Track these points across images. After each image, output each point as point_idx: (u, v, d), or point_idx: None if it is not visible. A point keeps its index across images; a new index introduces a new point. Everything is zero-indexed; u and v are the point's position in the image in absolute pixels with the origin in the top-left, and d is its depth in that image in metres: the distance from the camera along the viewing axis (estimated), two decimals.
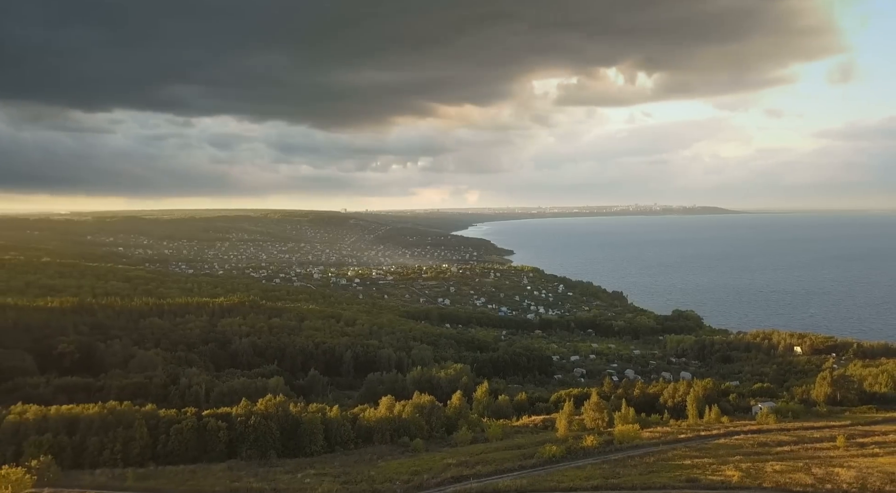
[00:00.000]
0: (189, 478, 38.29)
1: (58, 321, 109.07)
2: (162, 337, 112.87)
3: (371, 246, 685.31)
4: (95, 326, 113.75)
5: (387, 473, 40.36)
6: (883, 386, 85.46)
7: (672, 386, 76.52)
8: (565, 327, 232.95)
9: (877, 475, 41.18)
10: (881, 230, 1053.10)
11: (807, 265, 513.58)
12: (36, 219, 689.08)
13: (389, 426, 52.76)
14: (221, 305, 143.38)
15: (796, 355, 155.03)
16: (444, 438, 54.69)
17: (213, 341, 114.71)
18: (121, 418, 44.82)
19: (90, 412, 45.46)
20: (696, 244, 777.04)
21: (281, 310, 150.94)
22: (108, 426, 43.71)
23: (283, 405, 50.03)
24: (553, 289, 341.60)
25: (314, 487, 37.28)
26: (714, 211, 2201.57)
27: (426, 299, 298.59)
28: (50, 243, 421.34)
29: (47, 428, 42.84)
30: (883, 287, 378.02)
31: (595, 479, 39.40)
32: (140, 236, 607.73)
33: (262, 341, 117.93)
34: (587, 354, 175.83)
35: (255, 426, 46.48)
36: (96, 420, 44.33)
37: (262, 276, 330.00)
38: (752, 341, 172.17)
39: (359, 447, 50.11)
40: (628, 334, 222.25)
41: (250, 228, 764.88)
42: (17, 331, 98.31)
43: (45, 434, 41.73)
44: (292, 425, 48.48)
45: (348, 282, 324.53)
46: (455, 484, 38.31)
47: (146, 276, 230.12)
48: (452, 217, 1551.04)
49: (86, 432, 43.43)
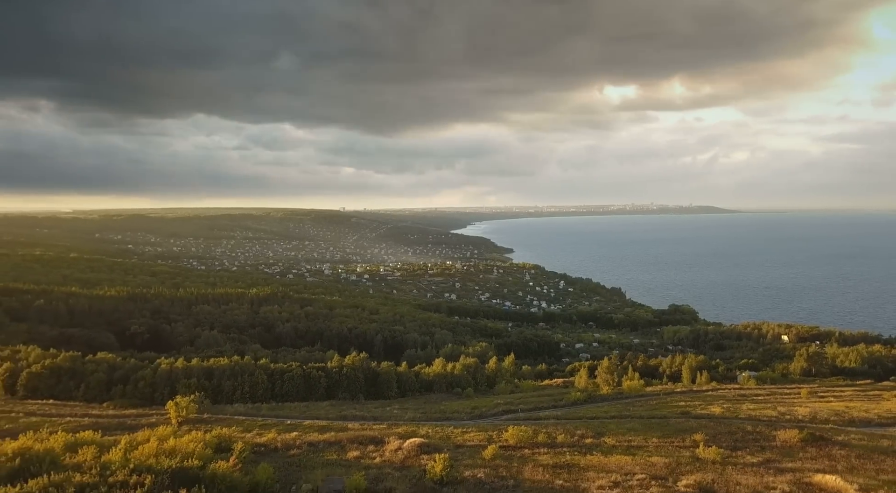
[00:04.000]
0: (305, 409, 50.67)
1: (124, 307, 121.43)
2: (214, 321, 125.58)
3: (374, 244, 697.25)
4: (155, 311, 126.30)
5: (452, 408, 52.98)
6: (852, 362, 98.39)
7: (669, 359, 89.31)
8: (568, 320, 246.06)
9: (826, 411, 54.02)
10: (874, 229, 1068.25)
11: (800, 263, 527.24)
12: (44, 217, 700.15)
13: (445, 379, 65.51)
14: (258, 295, 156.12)
15: (783, 343, 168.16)
16: (488, 390, 67.45)
17: (259, 325, 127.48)
18: (244, 368, 57.14)
19: (221, 364, 57.80)
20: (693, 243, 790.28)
21: (310, 300, 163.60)
22: (236, 374, 56.00)
23: (365, 361, 62.73)
24: (554, 285, 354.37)
25: (401, 414, 49.83)
26: (710, 210, 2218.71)
27: (433, 294, 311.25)
28: (61, 241, 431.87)
29: (192, 375, 55.06)
30: (873, 283, 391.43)
31: (612, 412, 52.06)
32: (147, 234, 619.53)
33: (301, 325, 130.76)
34: (590, 342, 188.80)
35: (346, 374, 58.97)
36: (227, 369, 56.64)
37: (275, 272, 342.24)
38: (743, 331, 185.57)
39: (423, 394, 62.79)
40: (627, 327, 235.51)
41: (254, 227, 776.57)
42: (93, 315, 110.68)
43: (191, 379, 53.98)
44: (373, 376, 61.05)
45: (358, 278, 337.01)
46: (506, 414, 50.89)
47: (170, 271, 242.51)
48: (451, 216, 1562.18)
49: (220, 378, 55.71)
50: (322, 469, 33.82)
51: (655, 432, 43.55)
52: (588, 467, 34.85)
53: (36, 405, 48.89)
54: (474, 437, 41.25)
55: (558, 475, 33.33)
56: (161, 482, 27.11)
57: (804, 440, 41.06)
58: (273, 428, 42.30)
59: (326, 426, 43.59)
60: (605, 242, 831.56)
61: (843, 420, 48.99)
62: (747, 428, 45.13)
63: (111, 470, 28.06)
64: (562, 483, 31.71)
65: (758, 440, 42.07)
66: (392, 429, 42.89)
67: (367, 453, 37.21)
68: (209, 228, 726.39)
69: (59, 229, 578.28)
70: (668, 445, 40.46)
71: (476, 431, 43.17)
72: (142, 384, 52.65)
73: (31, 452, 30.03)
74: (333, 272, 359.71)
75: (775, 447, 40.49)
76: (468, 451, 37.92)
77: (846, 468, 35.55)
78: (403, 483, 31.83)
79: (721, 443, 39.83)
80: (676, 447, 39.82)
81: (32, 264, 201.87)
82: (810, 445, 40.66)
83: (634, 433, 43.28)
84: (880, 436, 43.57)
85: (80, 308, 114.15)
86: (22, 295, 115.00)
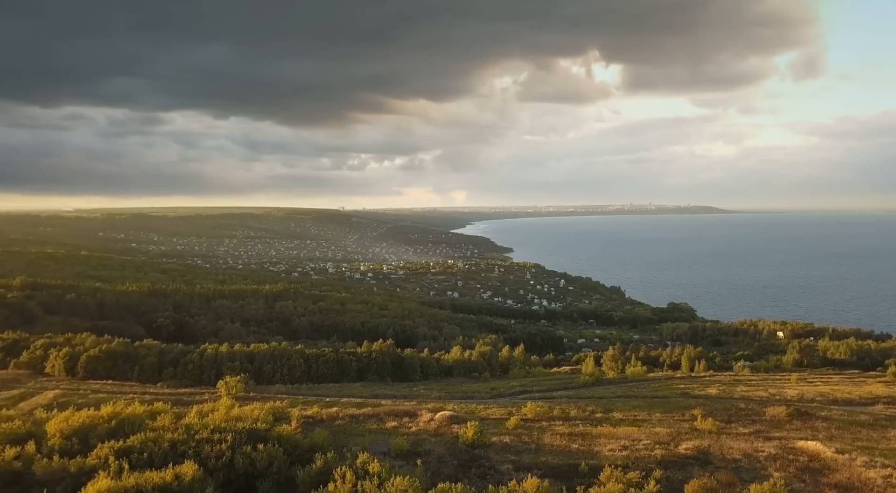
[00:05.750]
0: (340, 389, 55.60)
1: (148, 301, 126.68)
2: (234, 315, 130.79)
3: (374, 243, 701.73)
4: (177, 306, 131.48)
5: (472, 389, 58.00)
6: (842, 354, 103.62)
7: (669, 349, 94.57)
8: (569, 318, 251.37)
9: (813, 392, 59.07)
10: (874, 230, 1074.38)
11: (798, 262, 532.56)
12: (47, 216, 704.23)
13: (462, 365, 70.84)
14: (272, 291, 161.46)
15: (778, 339, 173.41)
16: (502, 375, 72.72)
17: (275, 319, 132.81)
18: (282, 352, 62.27)
19: (262, 349, 62.99)
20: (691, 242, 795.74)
21: (322, 296, 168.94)
22: (276, 358, 61.07)
23: (391, 347, 68.16)
24: (555, 284, 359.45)
25: (427, 394, 54.82)
26: (708, 210, 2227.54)
27: (436, 292, 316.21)
28: (67, 239, 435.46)
29: (235, 358, 60.07)
30: (870, 283, 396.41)
31: (618, 393, 57.08)
32: (150, 233, 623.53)
33: (316, 319, 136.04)
34: (591, 338, 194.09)
35: (375, 359, 64.22)
36: (267, 354, 61.72)
37: (280, 270, 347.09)
38: (740, 328, 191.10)
39: (443, 378, 67.99)
40: (627, 324, 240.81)
41: (255, 226, 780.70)
42: (121, 308, 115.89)
43: (235, 362, 58.99)
44: (398, 360, 66.36)
45: (361, 276, 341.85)
46: (522, 394, 55.90)
47: (180, 268, 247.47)
48: (450, 215, 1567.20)
49: (261, 361, 60.73)
50: (366, 436, 38.68)
51: (658, 408, 48.50)
52: (599, 435, 39.75)
53: (98, 384, 53.87)
54: (496, 412, 46.16)
55: (574, 440, 38.25)
56: (240, 438, 31.96)
57: (790, 415, 46.15)
58: (315, 404, 47.13)
59: (362, 402, 48.46)
60: (605, 243, 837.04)
61: (827, 400, 54.00)
62: (740, 406, 50.15)
63: (195, 430, 32.93)
64: (577, 447, 36.64)
65: (749, 414, 47.07)
66: (422, 405, 47.79)
67: (403, 423, 41.94)
68: (211, 226, 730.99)
69: (62, 228, 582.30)
70: (669, 418, 45.43)
71: (497, 407, 48.09)
72: (191, 367, 57.77)
73: (123, 414, 34.95)
74: (337, 271, 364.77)
75: (765, 420, 45.50)
76: (492, 423, 42.74)
77: (826, 436, 40.57)
78: (440, 446, 36.73)
79: (717, 417, 44.71)
80: (677, 421, 44.77)
81: (46, 261, 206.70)
82: (796, 419, 45.72)
83: (639, 409, 48.21)
84: (859, 413, 48.60)
85: (108, 302, 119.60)
86: (52, 290, 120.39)
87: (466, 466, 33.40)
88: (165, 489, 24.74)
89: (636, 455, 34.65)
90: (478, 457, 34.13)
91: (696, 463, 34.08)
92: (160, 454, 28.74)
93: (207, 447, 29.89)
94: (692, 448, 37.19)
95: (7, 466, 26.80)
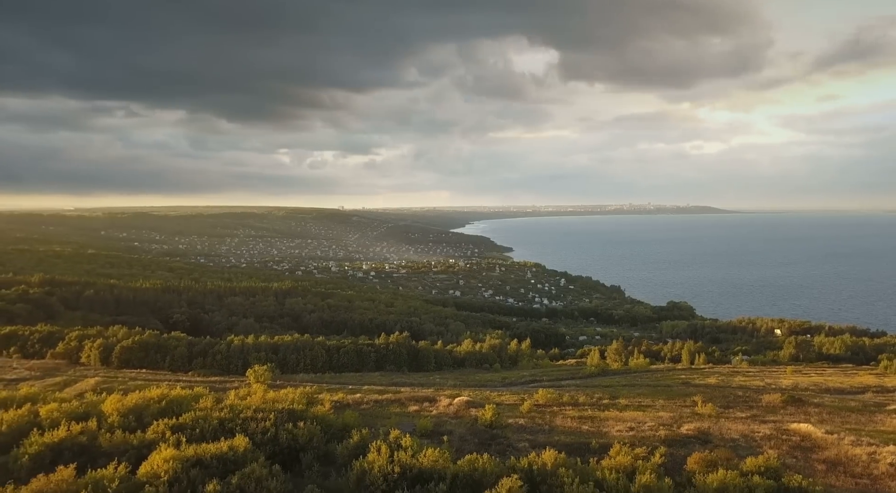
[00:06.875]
0: (360, 378, 58.75)
1: (163, 298, 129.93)
2: (246, 311, 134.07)
3: (375, 242, 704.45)
4: (191, 302, 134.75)
5: (485, 378, 61.21)
6: (837, 350, 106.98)
7: (670, 344, 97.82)
8: (570, 316, 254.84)
9: (807, 382, 62.32)
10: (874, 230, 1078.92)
11: (797, 262, 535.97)
12: (49, 215, 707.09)
13: (474, 356, 74.15)
14: (280, 288, 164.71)
15: (775, 336, 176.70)
16: (512, 366, 76.01)
17: (286, 315, 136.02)
18: (305, 344, 65.48)
19: (285, 341, 66.27)
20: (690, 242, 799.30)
21: (330, 294, 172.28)
22: (299, 349, 64.27)
23: (407, 339, 71.60)
24: (555, 283, 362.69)
25: (443, 382, 58.03)
26: (707, 210, 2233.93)
27: (438, 291, 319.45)
28: (71, 238, 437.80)
29: (260, 349, 63.27)
30: (867, 282, 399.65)
31: (623, 382, 60.34)
32: (152, 232, 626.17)
33: (326, 316, 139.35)
34: (593, 336, 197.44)
35: (392, 350, 67.54)
36: (290, 345, 64.95)
37: (283, 269, 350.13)
38: (738, 325, 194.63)
39: (456, 368, 71.27)
40: (627, 322, 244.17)
41: (256, 225, 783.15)
42: (138, 304, 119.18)
43: (260, 352, 62.19)
44: (414, 352, 69.65)
45: (364, 275, 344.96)
46: (532, 383, 59.12)
47: (186, 267, 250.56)
48: (449, 215, 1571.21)
49: (285, 352, 63.90)
50: (392, 418, 41.89)
51: (661, 395, 51.81)
52: (607, 418, 43.02)
53: (133, 373, 57.00)
54: (509, 398, 49.40)
55: (584, 423, 41.53)
56: (281, 417, 35.22)
57: (785, 401, 49.51)
58: (339, 391, 50.33)
59: (383, 389, 51.70)
60: (604, 242, 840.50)
61: (820, 389, 57.29)
62: (738, 393, 53.46)
63: (238, 410, 36.16)
64: (587, 428, 39.87)
65: (746, 401, 50.39)
66: (439, 392, 50.98)
67: (424, 407, 45.15)
68: (212, 226, 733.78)
69: (64, 227, 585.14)
70: (672, 404, 48.75)
71: (510, 394, 51.35)
72: (219, 357, 60.90)
73: (171, 396, 38.22)
74: (340, 269, 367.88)
75: (761, 406, 48.85)
76: (507, 407, 45.97)
77: (818, 420, 43.84)
78: (460, 427, 39.95)
79: (716, 403, 47.98)
80: (679, 406, 48.10)
81: (56, 259, 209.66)
82: (790, 405, 49.08)
83: (643, 396, 51.50)
84: (850, 400, 51.95)
85: (125, 298, 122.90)
86: (70, 287, 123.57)
87: (486, 444, 36.70)
88: (222, 459, 28.02)
89: (642, 435, 37.83)
90: (496, 436, 37.37)
91: (696, 442, 37.29)
92: (210, 430, 31.88)
93: (253, 424, 33.13)
94: (693, 429, 40.45)
95: (74, 439, 30.09)
